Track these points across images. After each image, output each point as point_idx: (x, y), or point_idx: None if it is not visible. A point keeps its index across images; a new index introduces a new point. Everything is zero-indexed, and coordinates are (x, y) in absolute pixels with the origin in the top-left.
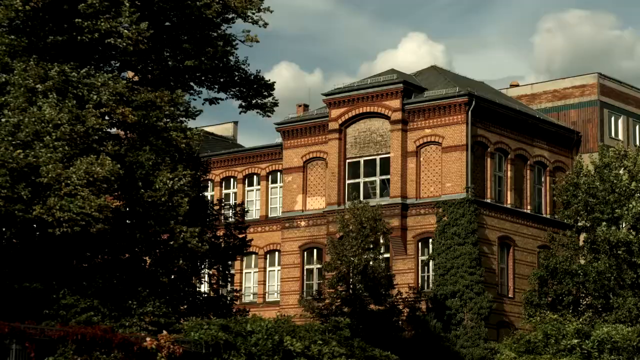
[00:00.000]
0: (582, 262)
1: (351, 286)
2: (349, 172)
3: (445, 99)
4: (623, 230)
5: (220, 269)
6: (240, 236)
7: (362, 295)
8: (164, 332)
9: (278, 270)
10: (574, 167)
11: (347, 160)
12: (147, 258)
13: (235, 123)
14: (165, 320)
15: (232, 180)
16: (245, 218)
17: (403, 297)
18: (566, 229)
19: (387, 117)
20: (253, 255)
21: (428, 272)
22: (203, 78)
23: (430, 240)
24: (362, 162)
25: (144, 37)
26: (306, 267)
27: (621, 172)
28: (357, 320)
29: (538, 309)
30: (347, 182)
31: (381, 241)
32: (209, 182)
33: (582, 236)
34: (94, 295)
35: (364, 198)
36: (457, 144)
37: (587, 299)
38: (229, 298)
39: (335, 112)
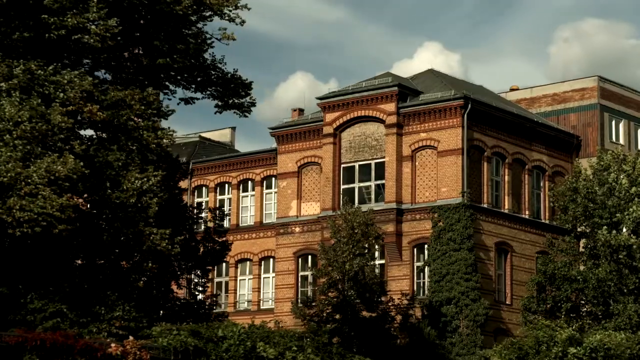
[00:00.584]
0: (582, 268)
1: (343, 293)
2: (344, 177)
3: (441, 102)
4: (624, 234)
5: (199, 273)
6: (220, 240)
7: (353, 301)
8: (130, 337)
9: (273, 277)
10: (572, 171)
11: (342, 165)
12: (124, 263)
13: (233, 129)
14: (135, 326)
15: (226, 186)
16: (240, 224)
17: (395, 303)
18: (565, 235)
19: (382, 121)
20: (248, 262)
21: (424, 278)
22: (179, 77)
23: (426, 246)
24: (357, 167)
25: (112, 33)
26: (301, 273)
27: (621, 176)
28: (348, 327)
29: (536, 316)
30: (342, 187)
31: (375, 247)
32: (204, 187)
33: (582, 242)
34: (62, 300)
35: (359, 203)
36: (453, 147)
37: (586, 306)
38: (207, 303)
39: (329, 116)
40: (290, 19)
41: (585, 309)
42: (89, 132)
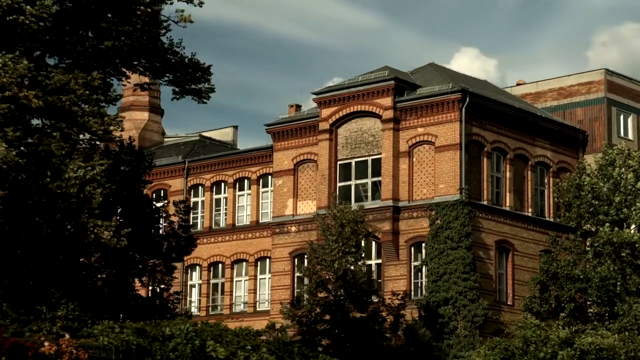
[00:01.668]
0: (589, 267)
1: (332, 292)
2: (340, 174)
3: (438, 95)
4: (627, 231)
5: (163, 270)
6: (185, 235)
7: (343, 302)
8: (66, 335)
9: (269, 278)
10: (576, 167)
11: (338, 162)
12: (70, 258)
13: (235, 127)
14: (79, 325)
15: (222, 184)
16: (236, 224)
17: (386, 303)
18: (569, 233)
19: (378, 116)
20: (244, 263)
21: (421, 278)
22: (135, 62)
23: (423, 244)
24: (353, 164)
25: (50, 14)
26: (297, 274)
27: (626, 171)
28: (338, 328)
29: (531, 316)
30: (339, 184)
31: (365, 245)
32: (200, 187)
33: (589, 240)
34: (3, 297)
35: (355, 201)
36: (451, 143)
37: (592, 306)
38: (170, 301)
39: (325, 112)
40: (326, 26)
41: (592, 310)
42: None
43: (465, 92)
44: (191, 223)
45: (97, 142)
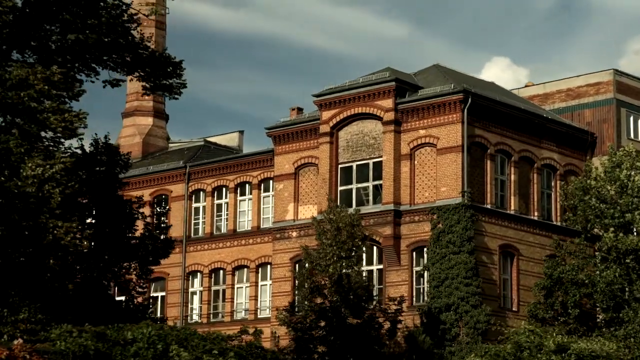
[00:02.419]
0: (605, 273)
1: (327, 298)
2: (342, 177)
3: (440, 96)
4: (631, 236)
5: (139, 272)
6: (162, 237)
7: (338, 307)
8: (19, 339)
9: (270, 284)
10: (583, 170)
11: (339, 166)
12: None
13: (241, 132)
14: (41, 329)
15: (224, 189)
16: (237, 230)
17: (383, 309)
18: (576, 237)
19: (379, 118)
20: (245, 269)
21: (423, 284)
22: (105, 58)
23: (425, 249)
24: (354, 167)
25: (9, 6)
26: (298, 280)
27: (633, 173)
28: (334, 335)
29: (544, 323)
30: (340, 188)
31: (363, 249)
32: (201, 192)
33: (597, 244)
34: None
35: (356, 205)
36: (453, 145)
37: (598, 312)
38: (144, 304)
39: (326, 114)
40: (355, 36)
41: (602, 317)
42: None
43: (467, 92)
44: (169, 225)
45: (62, 140)
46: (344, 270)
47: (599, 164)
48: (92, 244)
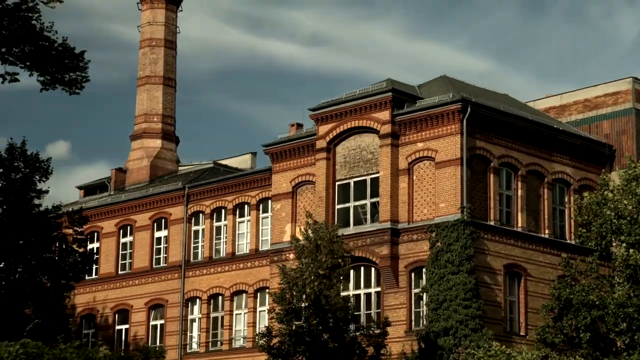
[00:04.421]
0: (617, 294)
1: (305, 320)
2: (339, 195)
3: (437, 107)
4: None
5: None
6: (81, 250)
7: (316, 331)
8: None
9: (268, 309)
10: (598, 183)
11: (337, 183)
12: None
13: (254, 154)
14: None
15: (222, 211)
16: (236, 253)
17: (367, 333)
18: (590, 255)
19: (376, 131)
20: (243, 294)
21: (422, 306)
22: (3, 50)
23: (424, 269)
24: (352, 184)
25: None
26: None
27: None
28: None
29: (554, 348)
30: (337, 206)
31: (342, 267)
32: (200, 214)
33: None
34: None
35: (354, 224)
36: (451, 157)
37: (612, 335)
38: (63, 322)
39: (323, 129)
40: (436, 72)
41: (622, 340)
42: None
43: (466, 102)
44: (85, 236)
45: None
46: (323, 292)
47: (616, 176)
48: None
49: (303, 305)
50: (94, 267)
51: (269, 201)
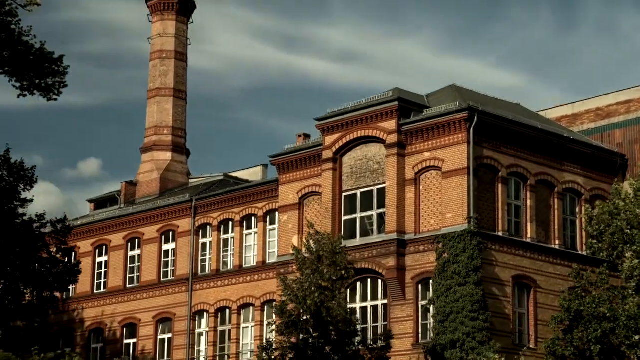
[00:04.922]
0: (628, 306)
1: (307, 333)
2: (346, 206)
3: (444, 115)
4: None
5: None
6: (64, 260)
7: (317, 344)
8: None
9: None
10: (610, 193)
11: (343, 194)
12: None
13: (265, 166)
14: None
15: (230, 223)
16: (243, 265)
17: (370, 346)
18: (601, 265)
19: (382, 141)
20: (250, 308)
21: (429, 319)
22: None
23: (431, 281)
24: (358, 195)
25: None
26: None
27: None
28: None
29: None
30: (344, 218)
31: (345, 279)
32: (208, 226)
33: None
34: None
35: (361, 236)
36: (458, 167)
37: (623, 348)
38: (45, 333)
39: (329, 139)
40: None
41: (632, 353)
42: None
43: (472, 110)
44: (72, 246)
45: None
46: (326, 304)
47: (628, 186)
48: None
49: (304, 317)
50: (103, 280)
51: (276, 213)
